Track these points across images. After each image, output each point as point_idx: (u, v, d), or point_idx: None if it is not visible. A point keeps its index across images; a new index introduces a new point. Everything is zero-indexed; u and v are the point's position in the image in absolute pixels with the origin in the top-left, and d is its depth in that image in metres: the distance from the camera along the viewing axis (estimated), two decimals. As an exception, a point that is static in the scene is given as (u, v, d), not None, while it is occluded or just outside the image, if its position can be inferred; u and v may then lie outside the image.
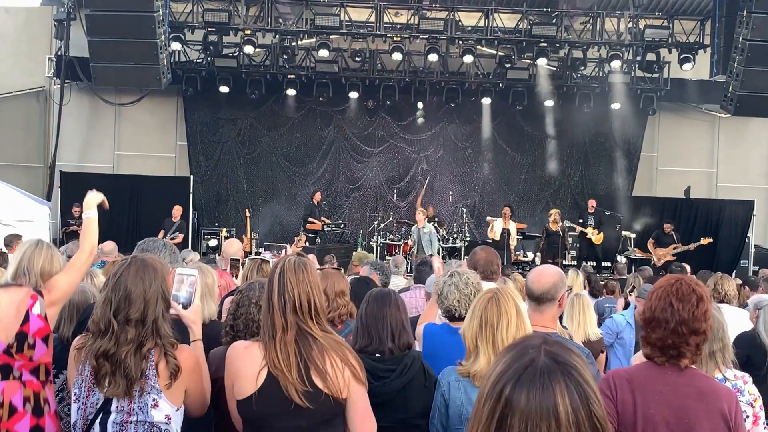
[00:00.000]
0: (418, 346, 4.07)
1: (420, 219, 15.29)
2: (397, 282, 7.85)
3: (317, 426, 2.82)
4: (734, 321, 5.25)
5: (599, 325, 6.55)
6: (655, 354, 2.88)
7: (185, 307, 3.24)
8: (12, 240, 9.79)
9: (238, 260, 6.32)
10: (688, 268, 11.56)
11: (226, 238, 16.41)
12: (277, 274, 2.91)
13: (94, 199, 4.15)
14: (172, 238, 15.25)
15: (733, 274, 15.40)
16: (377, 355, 3.54)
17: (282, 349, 2.81)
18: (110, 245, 8.65)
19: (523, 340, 1.56)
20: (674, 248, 16.17)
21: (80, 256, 3.99)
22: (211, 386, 3.78)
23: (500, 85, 18.19)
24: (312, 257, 6.09)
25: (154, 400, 2.85)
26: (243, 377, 2.84)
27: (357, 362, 2.90)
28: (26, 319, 3.62)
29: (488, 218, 16.45)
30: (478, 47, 17.49)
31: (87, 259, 4.01)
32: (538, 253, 16.63)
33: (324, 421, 2.82)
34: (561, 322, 5.61)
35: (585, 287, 9.04)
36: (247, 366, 2.85)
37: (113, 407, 2.86)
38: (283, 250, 5.10)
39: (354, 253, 12.69)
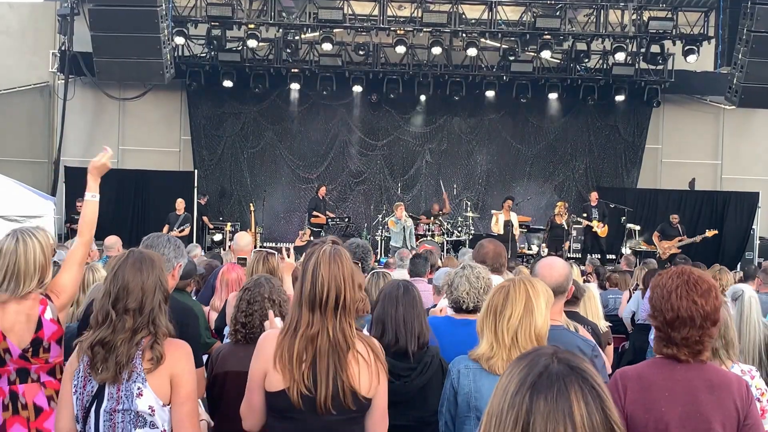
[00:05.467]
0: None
1: (401, 214, 15.64)
2: (402, 275, 7.87)
3: (348, 422, 2.80)
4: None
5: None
6: (682, 353, 2.82)
7: None
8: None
9: (245, 259, 6.20)
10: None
11: (231, 232, 16.43)
12: (311, 266, 2.82)
13: (100, 168, 3.84)
14: (180, 231, 15.28)
15: (738, 266, 15.34)
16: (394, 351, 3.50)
17: (300, 345, 2.77)
18: (112, 239, 8.60)
19: (534, 350, 1.61)
20: (679, 240, 16.14)
21: (80, 250, 3.86)
22: (213, 382, 3.80)
23: (504, 77, 18.14)
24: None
25: (139, 388, 2.86)
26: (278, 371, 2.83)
27: (382, 362, 2.86)
28: (39, 325, 3.61)
29: (492, 211, 16.45)
30: (482, 40, 17.48)
31: (86, 252, 3.91)
32: (543, 245, 16.62)
33: (351, 419, 2.79)
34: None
35: (591, 280, 9.03)
36: None
37: (105, 394, 2.89)
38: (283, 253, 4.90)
39: None
